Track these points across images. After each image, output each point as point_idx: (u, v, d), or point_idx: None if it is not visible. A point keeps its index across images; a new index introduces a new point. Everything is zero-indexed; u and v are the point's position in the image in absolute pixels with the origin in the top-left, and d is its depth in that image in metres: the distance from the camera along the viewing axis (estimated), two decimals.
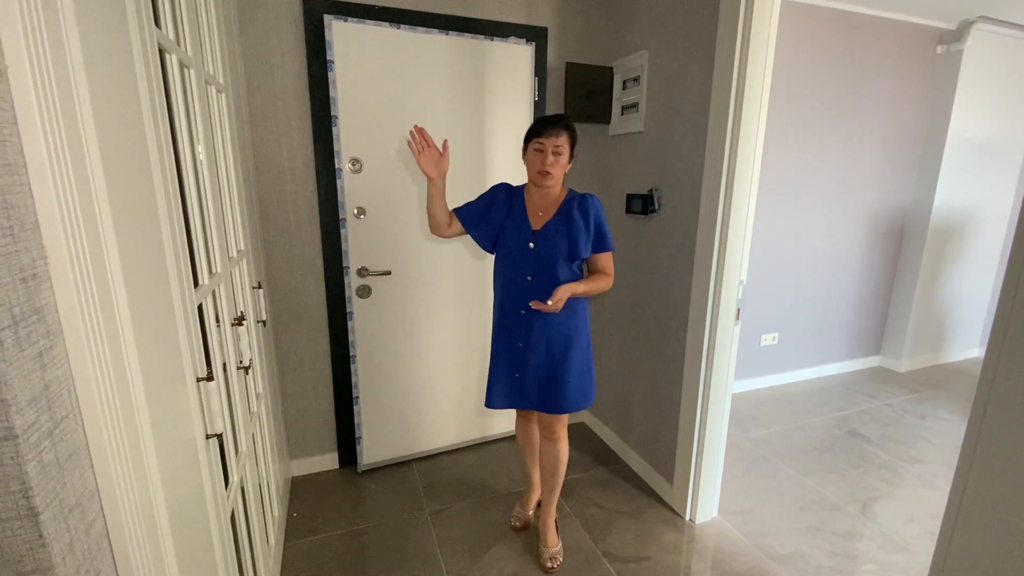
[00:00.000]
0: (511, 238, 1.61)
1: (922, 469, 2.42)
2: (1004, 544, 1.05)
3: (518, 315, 1.63)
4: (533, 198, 1.63)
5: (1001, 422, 1.03)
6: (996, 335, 1.03)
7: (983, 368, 1.06)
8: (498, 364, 1.71)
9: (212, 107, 1.33)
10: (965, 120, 3.23)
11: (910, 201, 3.45)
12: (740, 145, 1.70)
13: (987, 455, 1.06)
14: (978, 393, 1.07)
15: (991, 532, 1.07)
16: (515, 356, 1.67)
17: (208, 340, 1.13)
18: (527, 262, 1.59)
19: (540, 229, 1.59)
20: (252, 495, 1.43)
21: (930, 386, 3.38)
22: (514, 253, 1.61)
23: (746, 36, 1.62)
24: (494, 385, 1.72)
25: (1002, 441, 1.03)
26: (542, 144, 1.53)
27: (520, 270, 1.60)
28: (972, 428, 1.09)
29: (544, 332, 1.63)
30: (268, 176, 1.98)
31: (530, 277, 1.60)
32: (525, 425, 1.91)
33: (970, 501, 1.11)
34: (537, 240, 1.59)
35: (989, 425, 1.05)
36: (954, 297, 3.64)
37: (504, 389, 1.71)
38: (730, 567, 1.81)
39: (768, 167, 2.88)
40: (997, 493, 1.05)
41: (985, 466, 1.07)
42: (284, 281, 2.09)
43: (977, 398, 1.07)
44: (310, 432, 2.29)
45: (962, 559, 1.13)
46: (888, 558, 1.85)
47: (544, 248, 1.58)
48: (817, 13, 2.81)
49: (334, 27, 1.90)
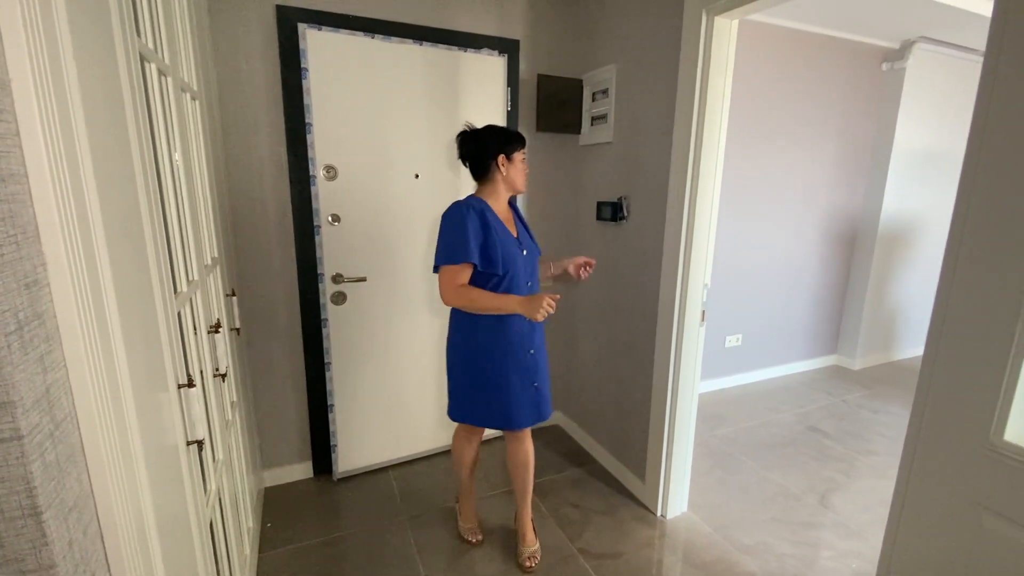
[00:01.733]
0: (510, 252, 1.57)
1: (876, 461, 2.57)
2: (944, 526, 1.15)
3: (526, 323, 1.63)
4: (501, 207, 1.63)
5: (938, 415, 1.13)
6: (932, 336, 1.13)
7: (922, 366, 1.15)
8: (510, 382, 1.62)
9: (187, 114, 1.33)
10: (908, 133, 3.46)
11: (860, 209, 3.66)
12: (703, 155, 1.79)
13: (927, 447, 1.16)
14: (918, 390, 1.17)
15: (933, 517, 1.17)
16: (529, 366, 1.65)
17: (187, 348, 1.13)
18: (524, 270, 1.62)
19: (519, 236, 1.64)
20: (228, 504, 1.42)
21: (882, 383, 3.59)
22: (517, 265, 1.59)
23: (707, 52, 1.72)
24: (518, 404, 1.63)
25: (940, 432, 1.13)
26: (525, 155, 1.60)
27: (522, 278, 1.61)
28: (913, 422, 1.19)
29: (541, 335, 1.70)
30: (241, 183, 1.97)
31: (529, 282, 1.65)
32: (470, 443, 1.84)
33: (914, 490, 1.20)
34: (524, 246, 1.64)
35: (928, 419, 1.15)
36: (902, 299, 3.87)
37: (527, 403, 1.66)
38: (699, 559, 1.88)
39: (729, 176, 3.02)
40: (936, 481, 1.15)
41: (925, 457, 1.17)
42: (257, 288, 2.07)
43: (917, 394, 1.17)
44: (284, 441, 2.26)
45: (908, 542, 1.22)
46: (845, 545, 1.97)
47: (530, 252, 1.66)
48: (773, 32, 2.98)
49: (308, 36, 1.91)
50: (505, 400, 1.63)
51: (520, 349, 1.63)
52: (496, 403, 1.64)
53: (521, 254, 1.61)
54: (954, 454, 1.11)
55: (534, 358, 1.66)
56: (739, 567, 1.84)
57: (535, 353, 1.66)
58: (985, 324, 1.03)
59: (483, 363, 1.63)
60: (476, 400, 1.67)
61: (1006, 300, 1.00)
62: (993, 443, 1.04)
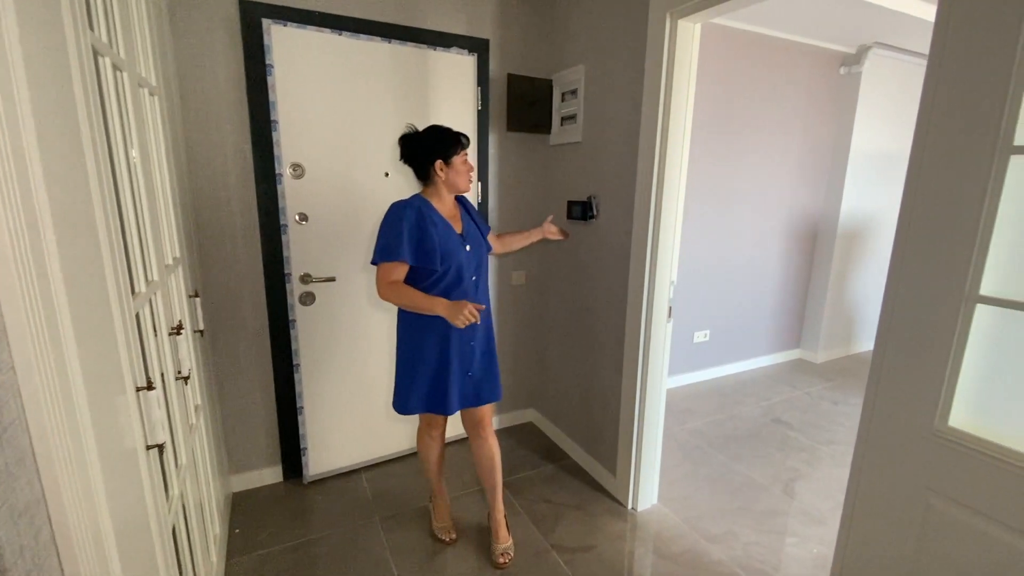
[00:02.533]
0: (451, 248, 1.60)
1: (836, 450, 2.68)
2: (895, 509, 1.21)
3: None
4: (445, 206, 1.65)
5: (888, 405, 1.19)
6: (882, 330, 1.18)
7: (872, 358, 1.21)
8: (451, 371, 1.67)
9: (145, 110, 1.29)
10: (865, 135, 3.61)
11: (821, 208, 3.80)
12: (668, 155, 1.83)
13: (878, 435, 1.22)
14: (869, 381, 1.22)
15: (884, 501, 1.22)
16: (467, 356, 1.70)
17: (146, 349, 1.10)
18: (468, 265, 1.65)
19: (463, 232, 1.67)
20: (193, 510, 1.38)
21: (843, 375, 3.73)
22: (458, 261, 1.62)
23: (671, 55, 1.76)
24: (450, 391, 1.68)
25: (890, 420, 1.19)
26: (467, 154, 1.65)
27: (466, 274, 1.65)
28: (866, 411, 1.24)
29: (484, 326, 1.74)
30: (204, 181, 1.92)
31: (474, 277, 1.68)
32: (432, 439, 1.86)
33: (867, 476, 1.26)
34: (468, 242, 1.66)
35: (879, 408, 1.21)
36: (861, 294, 4.03)
37: (459, 391, 1.71)
38: (669, 550, 1.92)
39: (696, 177, 3.09)
40: (888, 467, 1.21)
41: (877, 444, 1.22)
42: (222, 289, 2.02)
43: (869, 385, 1.23)
44: (252, 445, 2.22)
45: (863, 525, 1.28)
46: (808, 531, 2.04)
47: (476, 248, 1.69)
48: (738, 36, 3.06)
49: (273, 31, 1.87)
50: (442, 386, 1.68)
51: (460, 340, 1.67)
52: (433, 389, 1.69)
53: (464, 250, 1.64)
54: (903, 441, 1.17)
55: (473, 350, 1.71)
56: (707, 557, 1.89)
57: (475, 346, 1.71)
58: (929, 317, 1.09)
59: (424, 351, 1.67)
60: (416, 387, 1.69)
61: (948, 294, 1.05)
62: (939, 429, 1.10)
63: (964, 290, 1.03)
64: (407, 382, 1.70)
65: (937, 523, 1.13)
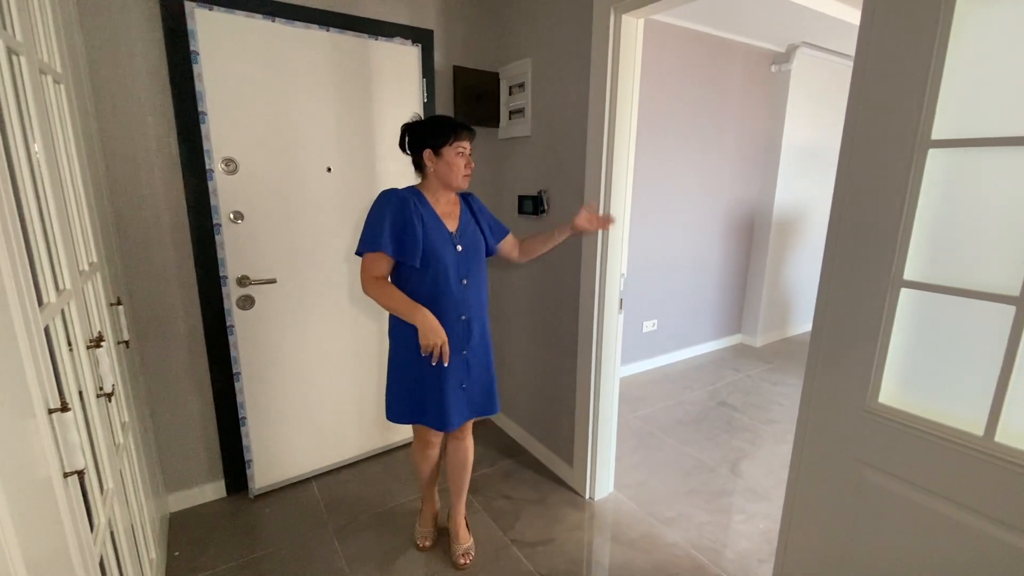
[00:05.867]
0: (437, 246, 1.51)
1: (777, 428, 2.83)
2: (834, 482, 1.28)
3: (460, 322, 1.57)
4: (440, 201, 1.57)
5: (825, 384, 1.25)
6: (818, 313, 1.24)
7: (810, 340, 1.27)
8: (445, 382, 1.57)
9: (50, 100, 1.16)
10: (795, 129, 3.81)
11: (757, 200, 3.99)
12: (615, 149, 1.85)
13: (816, 412, 1.28)
14: (808, 362, 1.29)
15: (824, 474, 1.29)
16: (460, 366, 1.60)
17: (59, 366, 0.99)
18: (457, 267, 1.55)
19: (458, 231, 1.58)
20: (124, 537, 1.27)
21: (780, 357, 3.95)
22: (444, 261, 1.52)
23: (616, 49, 1.78)
24: (447, 406, 1.58)
25: (827, 398, 1.26)
26: (465, 147, 1.51)
27: (456, 276, 1.54)
28: (805, 391, 1.31)
29: (479, 333, 1.63)
30: (124, 178, 1.77)
31: (465, 281, 1.57)
32: (431, 449, 1.77)
33: (808, 451, 1.32)
34: (461, 242, 1.57)
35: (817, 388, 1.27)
36: (795, 280, 4.27)
37: (456, 405, 1.60)
38: (626, 536, 1.97)
39: (642, 171, 3.16)
40: (826, 442, 1.28)
41: (816, 421, 1.29)
42: (150, 295, 1.87)
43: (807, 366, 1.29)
44: (190, 460, 2.08)
45: (805, 498, 1.35)
46: (754, 507, 2.14)
47: (470, 249, 1.59)
48: (678, 32, 3.14)
49: (197, 15, 1.74)
50: (437, 398, 1.58)
51: (452, 344, 1.56)
52: (426, 401, 1.60)
53: (454, 250, 1.54)
54: (839, 417, 1.24)
55: (467, 360, 1.61)
56: (663, 539, 1.94)
57: (468, 355, 1.61)
58: (860, 302, 1.15)
59: (413, 358, 1.57)
60: (407, 396, 1.62)
61: (876, 280, 1.12)
62: (870, 406, 1.17)
63: (890, 276, 1.10)
64: (396, 389, 1.62)
65: (870, 493, 1.20)
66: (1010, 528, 1.00)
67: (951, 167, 1.02)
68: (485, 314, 1.66)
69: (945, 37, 0.98)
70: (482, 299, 1.65)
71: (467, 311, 1.58)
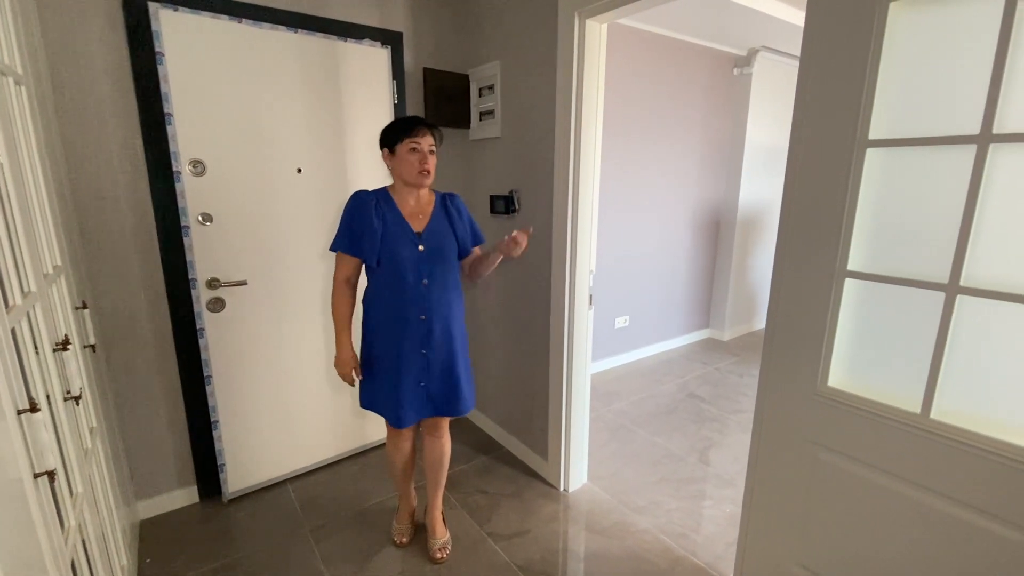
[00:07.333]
0: (397, 245, 1.53)
1: (743, 418, 2.94)
2: (789, 463, 1.36)
3: (418, 321, 1.58)
4: (407, 201, 1.59)
5: (779, 371, 1.33)
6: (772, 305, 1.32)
7: (765, 330, 1.35)
8: (401, 379, 1.60)
9: (11, 102, 1.14)
10: (757, 130, 3.96)
11: (723, 199, 4.12)
12: (582, 149, 1.91)
13: (773, 398, 1.36)
14: (764, 351, 1.36)
15: (780, 456, 1.37)
16: (419, 364, 1.61)
17: (26, 370, 0.98)
18: (420, 266, 1.56)
19: (424, 231, 1.58)
20: (95, 542, 1.26)
21: (747, 350, 4.08)
22: (404, 260, 1.54)
23: (581, 53, 1.83)
24: (402, 403, 1.61)
25: (782, 384, 1.33)
26: (418, 143, 1.51)
27: (415, 275, 1.56)
28: (762, 377, 1.38)
29: (442, 333, 1.62)
30: (89, 180, 1.73)
31: (425, 281, 1.58)
32: (402, 441, 1.79)
33: (765, 436, 1.40)
34: (425, 242, 1.58)
35: (772, 374, 1.35)
36: (760, 276, 4.43)
37: (412, 403, 1.63)
38: (599, 525, 2.03)
39: (611, 171, 3.24)
40: (782, 426, 1.35)
41: (772, 406, 1.37)
42: (116, 299, 1.84)
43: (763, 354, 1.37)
44: (161, 466, 2.04)
45: (764, 480, 1.42)
46: (721, 493, 2.23)
47: (434, 249, 1.58)
48: (645, 36, 3.23)
49: (161, 16, 1.72)
50: (394, 393, 1.62)
51: (410, 346, 1.59)
52: (386, 394, 1.64)
53: (415, 250, 1.55)
54: (793, 402, 1.31)
55: (426, 358, 1.62)
56: (635, 527, 2.01)
57: (427, 353, 1.61)
58: (808, 291, 1.23)
59: (375, 348, 1.64)
60: (372, 384, 1.67)
61: (822, 271, 1.20)
62: (820, 390, 1.25)
63: (835, 267, 1.18)
64: (365, 375, 1.67)
65: (823, 471, 1.28)
66: (946, 498, 1.08)
67: (888, 165, 1.11)
68: (452, 315, 1.64)
69: (879, 42, 1.06)
70: (447, 300, 1.63)
71: (427, 311, 1.59)
